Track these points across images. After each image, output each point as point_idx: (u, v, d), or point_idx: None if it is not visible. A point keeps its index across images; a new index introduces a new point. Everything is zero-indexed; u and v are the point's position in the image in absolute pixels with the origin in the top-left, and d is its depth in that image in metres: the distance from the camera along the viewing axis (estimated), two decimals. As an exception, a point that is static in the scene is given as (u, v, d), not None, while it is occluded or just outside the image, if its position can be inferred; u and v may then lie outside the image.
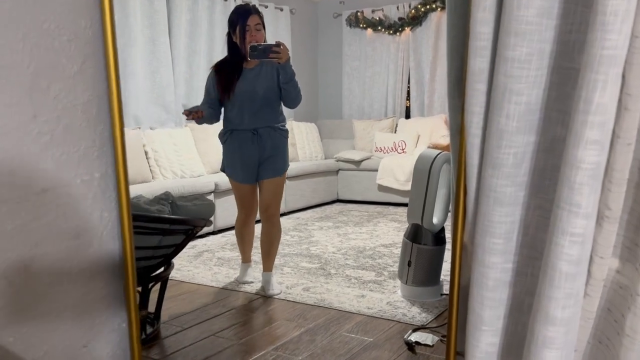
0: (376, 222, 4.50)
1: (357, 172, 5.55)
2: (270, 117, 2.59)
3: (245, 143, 2.58)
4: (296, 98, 2.57)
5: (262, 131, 2.58)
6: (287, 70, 2.46)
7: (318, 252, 3.51)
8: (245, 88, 2.55)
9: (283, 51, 2.35)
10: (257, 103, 2.55)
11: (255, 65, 2.57)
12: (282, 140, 2.64)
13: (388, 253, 3.45)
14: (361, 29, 6.34)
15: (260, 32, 2.51)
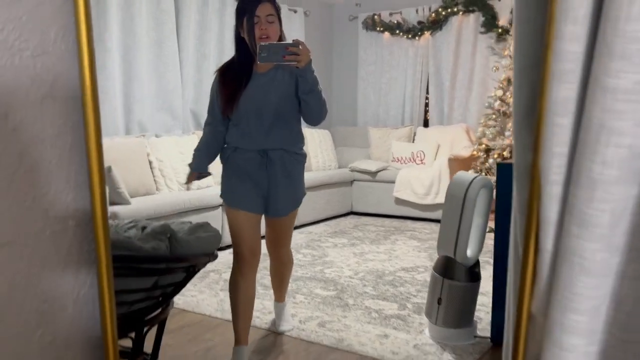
0: (394, 240, 4.21)
1: (373, 184, 5.26)
2: (284, 137, 2.01)
3: (251, 166, 2.01)
4: (319, 113, 1.98)
5: (274, 155, 2.00)
6: (307, 77, 1.88)
7: (333, 276, 3.23)
8: (254, 97, 1.97)
9: (302, 52, 1.80)
10: (268, 117, 1.97)
11: (268, 69, 2.00)
12: (297, 167, 2.07)
13: (410, 279, 3.17)
14: (378, 32, 6.06)
15: (274, 25, 1.95)
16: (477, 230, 2.29)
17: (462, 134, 5.23)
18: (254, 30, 1.93)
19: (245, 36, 1.97)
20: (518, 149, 1.15)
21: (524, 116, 1.12)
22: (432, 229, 4.61)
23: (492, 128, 4.75)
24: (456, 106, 5.64)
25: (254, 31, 1.93)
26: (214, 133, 2.09)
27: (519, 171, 1.15)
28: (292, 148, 2.05)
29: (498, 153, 4.66)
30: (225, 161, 2.08)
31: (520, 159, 1.15)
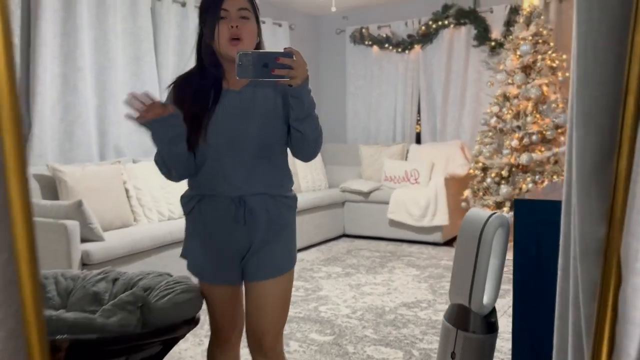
0: (391, 268, 3.95)
1: (366, 205, 5.01)
2: (269, 177, 1.48)
3: (225, 220, 1.47)
4: (315, 146, 1.47)
5: (254, 201, 1.46)
6: (303, 99, 1.36)
7: (329, 316, 2.96)
8: (226, 124, 1.44)
9: (297, 65, 1.30)
10: (247, 152, 1.45)
11: (244, 85, 1.47)
12: (286, 215, 1.53)
13: (413, 318, 2.91)
14: (366, 46, 5.85)
15: (249, 23, 1.43)
16: (493, 274, 2.04)
17: (457, 152, 5.01)
18: (219, 30, 1.41)
19: (214, 42, 1.43)
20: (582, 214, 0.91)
21: (592, 173, 0.88)
22: (429, 254, 4.37)
23: (488, 146, 4.55)
24: (449, 122, 5.43)
25: (221, 32, 1.41)
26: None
27: (584, 247, 0.90)
28: (279, 190, 1.51)
29: (496, 172, 4.45)
30: (189, 214, 1.53)
31: (586, 228, 0.90)
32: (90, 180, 3.32)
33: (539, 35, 4.39)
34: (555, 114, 4.31)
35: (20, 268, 0.76)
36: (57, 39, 3.56)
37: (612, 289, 0.79)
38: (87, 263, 2.92)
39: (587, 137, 0.87)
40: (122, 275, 2.03)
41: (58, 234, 2.88)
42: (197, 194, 1.51)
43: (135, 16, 4.03)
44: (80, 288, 1.99)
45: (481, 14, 5.17)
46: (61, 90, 3.63)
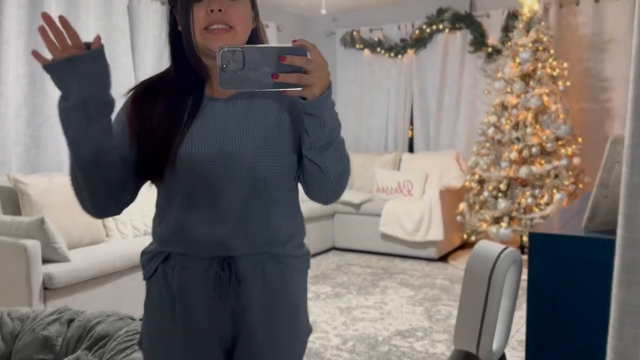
0: (383, 288, 3.71)
1: (357, 217, 4.76)
2: (268, 226, 1.04)
3: (200, 292, 1.03)
4: (338, 183, 1.03)
5: (246, 264, 1.03)
6: (323, 117, 0.93)
7: (317, 347, 2.70)
8: (206, 148, 1.01)
9: (314, 66, 0.87)
10: (235, 188, 1.01)
11: (236, 93, 1.05)
12: (295, 285, 1.09)
13: (408, 350, 2.66)
14: (357, 49, 5.62)
15: (237, 5, 1.00)
16: (504, 316, 1.81)
17: (452, 162, 4.79)
18: (193, 18, 0.98)
19: (190, 38, 1.00)
20: None
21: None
22: (423, 271, 4.13)
23: (485, 157, 4.33)
24: (443, 130, 5.22)
25: (197, 17, 0.98)
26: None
27: None
28: (285, 247, 1.05)
29: (493, 185, 4.24)
30: (150, 279, 1.07)
31: None
32: (56, 192, 3.02)
33: (539, 42, 4.19)
34: (556, 125, 4.10)
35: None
36: (22, 37, 3.26)
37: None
38: (49, 287, 2.63)
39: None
40: (78, 316, 1.76)
41: (16, 255, 2.59)
42: (161, 251, 1.05)
43: (110, 14, 3.74)
44: (28, 331, 1.71)
45: (477, 18, 4.95)
46: (27, 91, 3.34)
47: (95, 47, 0.93)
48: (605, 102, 4.50)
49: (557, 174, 4.07)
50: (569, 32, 4.63)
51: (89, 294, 2.79)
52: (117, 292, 2.92)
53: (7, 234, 2.72)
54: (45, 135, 3.42)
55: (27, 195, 2.90)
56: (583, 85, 4.56)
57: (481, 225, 4.21)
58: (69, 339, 1.68)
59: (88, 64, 0.91)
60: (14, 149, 3.29)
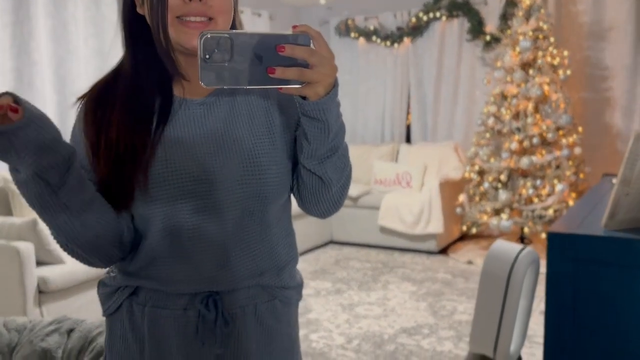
0: (385, 283, 3.65)
1: (354, 210, 4.69)
2: (261, 252, 0.86)
3: (178, 337, 0.84)
4: (340, 195, 0.87)
5: (235, 301, 0.86)
6: (327, 121, 0.76)
7: (322, 346, 2.64)
8: (181, 161, 0.81)
9: (319, 58, 0.70)
10: (219, 208, 0.82)
11: (213, 91, 0.86)
12: (290, 323, 0.93)
13: (415, 348, 2.61)
14: (352, 38, 5.51)
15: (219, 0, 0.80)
16: (521, 317, 1.75)
17: (450, 153, 4.73)
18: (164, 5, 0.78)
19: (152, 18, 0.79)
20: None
21: None
22: (424, 264, 4.08)
23: (485, 148, 4.27)
24: (441, 120, 5.15)
25: (170, 4, 0.78)
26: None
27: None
28: (280, 277, 0.90)
29: (494, 176, 4.18)
30: (111, 316, 0.89)
31: None
32: (48, 192, 2.92)
33: (539, 30, 4.11)
34: (557, 115, 4.05)
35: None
36: (7, 29, 3.13)
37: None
38: (44, 291, 2.54)
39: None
40: (78, 325, 1.67)
41: (9, 258, 2.49)
42: (126, 285, 0.86)
43: (99, 4, 3.60)
44: (26, 343, 1.63)
45: (475, 6, 4.87)
46: (14, 86, 3.21)
47: (16, 118, 0.66)
48: (606, 91, 4.45)
49: (558, 164, 4.02)
50: (568, 20, 4.56)
51: (85, 296, 2.70)
52: (114, 294, 2.83)
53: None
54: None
55: (18, 195, 2.79)
56: (583, 74, 4.51)
57: (481, 217, 4.16)
58: (70, 350, 1.59)
59: (20, 135, 0.67)
60: (2, 146, 3.17)
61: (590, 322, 1.66)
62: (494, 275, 1.71)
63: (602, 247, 1.64)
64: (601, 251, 1.64)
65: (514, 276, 1.67)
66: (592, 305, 1.66)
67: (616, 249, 1.67)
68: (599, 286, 1.62)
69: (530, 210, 4.01)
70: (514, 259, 1.69)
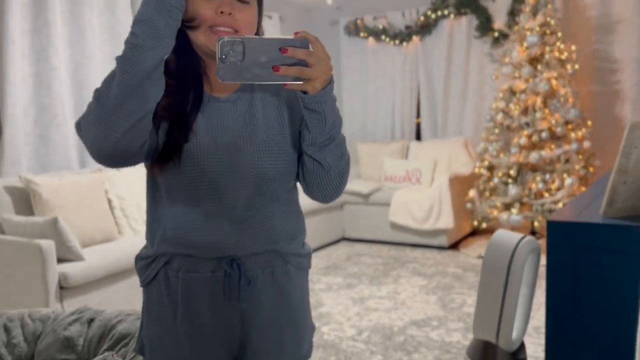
0: (396, 277, 3.71)
1: (366, 207, 4.75)
2: (275, 224, 1.02)
3: (206, 294, 1.00)
4: (339, 181, 1.02)
5: (254, 264, 1.01)
6: (324, 112, 0.93)
7: (333, 338, 2.71)
8: (207, 149, 0.97)
9: (316, 59, 0.87)
10: (240, 188, 0.98)
11: (236, 90, 1.02)
12: (298, 282, 1.08)
13: (424, 339, 2.67)
14: (361, 38, 5.57)
15: (246, 9, 0.97)
16: (523, 305, 1.80)
17: (460, 149, 4.77)
18: (199, 10, 0.94)
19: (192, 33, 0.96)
20: None
21: None
22: (435, 259, 4.13)
23: (495, 143, 4.30)
24: (450, 117, 5.18)
25: (204, 15, 0.93)
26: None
27: None
28: (291, 245, 1.05)
29: (503, 172, 4.21)
30: (149, 285, 1.03)
31: None
32: (67, 191, 3.03)
33: (546, 26, 4.14)
34: (566, 109, 4.07)
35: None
36: (27, 36, 3.25)
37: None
38: (65, 286, 2.64)
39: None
40: (98, 315, 1.77)
41: (32, 255, 2.60)
42: (162, 253, 1.00)
43: (114, 9, 3.72)
44: (50, 332, 1.73)
45: (483, 3, 4.90)
46: (34, 90, 3.33)
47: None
48: (615, 84, 4.45)
49: (568, 159, 4.04)
50: (576, 14, 4.57)
51: (104, 292, 2.80)
52: (133, 290, 2.93)
53: (21, 234, 2.73)
54: (53, 134, 3.42)
55: (39, 195, 2.91)
56: (592, 67, 4.51)
57: (492, 212, 4.19)
58: (90, 338, 1.69)
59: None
60: (23, 148, 3.29)
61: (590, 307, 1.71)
62: (495, 263, 1.76)
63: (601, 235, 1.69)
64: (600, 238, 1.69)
65: (514, 264, 1.72)
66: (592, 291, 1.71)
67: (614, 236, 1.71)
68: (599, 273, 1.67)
69: (540, 205, 4.03)
70: (514, 247, 1.74)
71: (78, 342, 1.68)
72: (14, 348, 1.70)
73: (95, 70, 3.61)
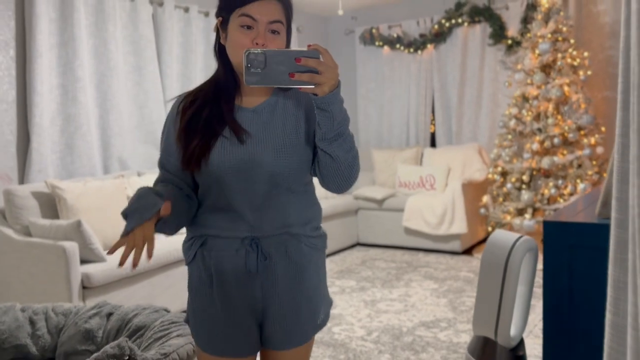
0: (408, 281, 3.77)
1: (380, 212, 4.82)
2: (289, 211, 1.20)
3: (233, 267, 1.19)
4: (349, 172, 1.18)
5: (270, 243, 1.19)
6: (332, 112, 1.09)
7: (343, 337, 2.78)
8: (234, 150, 1.17)
9: (325, 67, 1.05)
10: (258, 180, 1.17)
11: (260, 102, 1.21)
12: (313, 259, 1.25)
13: (432, 340, 2.72)
14: (377, 47, 5.67)
15: (278, 39, 1.16)
16: (521, 303, 1.86)
17: (474, 155, 4.81)
18: (239, 39, 1.14)
19: (228, 46, 1.18)
20: None
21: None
22: (447, 264, 4.17)
23: (508, 149, 4.34)
24: (465, 124, 5.23)
25: (242, 43, 1.13)
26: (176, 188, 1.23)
27: None
28: (304, 229, 1.22)
29: (516, 177, 4.24)
30: (191, 263, 1.25)
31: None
32: (91, 196, 3.18)
33: (558, 33, 4.17)
34: (578, 115, 4.09)
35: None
36: (54, 50, 3.43)
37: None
38: (87, 286, 2.78)
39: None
40: (117, 310, 1.88)
41: (56, 256, 2.75)
42: (199, 235, 1.22)
43: (136, 23, 3.89)
44: (71, 325, 1.85)
45: (496, 11, 4.95)
46: (60, 101, 3.51)
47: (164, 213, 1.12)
48: (629, 90, 4.44)
49: (580, 164, 4.05)
50: (589, 21, 4.59)
51: (125, 291, 2.93)
52: (152, 289, 3.06)
53: (47, 236, 2.88)
54: (78, 142, 3.58)
55: (64, 200, 3.06)
56: (606, 73, 4.52)
57: (505, 217, 4.22)
58: (109, 331, 1.80)
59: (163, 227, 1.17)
60: (50, 156, 3.46)
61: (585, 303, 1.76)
62: (493, 262, 1.82)
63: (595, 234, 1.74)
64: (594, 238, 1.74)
65: (511, 262, 1.78)
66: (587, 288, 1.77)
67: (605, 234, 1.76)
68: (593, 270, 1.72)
69: (553, 210, 4.04)
70: (511, 246, 1.80)
71: (97, 334, 1.79)
72: (38, 339, 1.82)
73: (118, 82, 3.78)
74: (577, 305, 1.81)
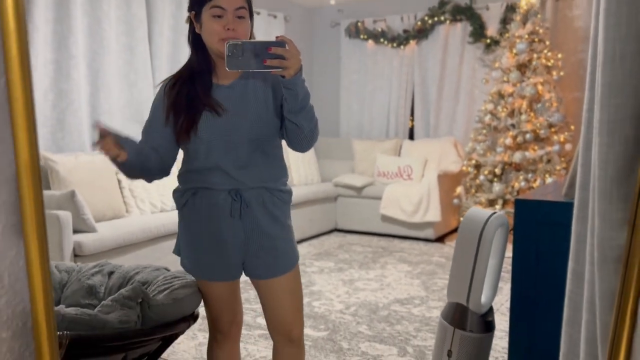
0: (383, 263, 3.96)
1: (358, 200, 5.00)
2: (264, 169, 1.48)
3: (220, 214, 1.46)
4: (311, 137, 1.45)
5: (251, 195, 1.46)
6: (297, 91, 1.34)
7: (323, 311, 2.95)
8: (217, 120, 1.43)
9: (291, 55, 1.28)
10: (239, 145, 1.44)
11: (234, 80, 1.47)
12: (283, 209, 1.53)
13: (406, 314, 2.91)
14: (361, 40, 5.83)
15: (244, 23, 1.41)
16: (491, 273, 2.05)
17: (450, 148, 5.02)
18: (214, 27, 1.38)
19: (203, 35, 1.42)
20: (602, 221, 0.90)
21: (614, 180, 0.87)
22: (421, 250, 4.38)
23: (482, 143, 4.56)
24: (442, 118, 5.44)
25: (215, 30, 1.38)
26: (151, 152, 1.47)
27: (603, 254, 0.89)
28: (276, 184, 1.51)
29: (489, 170, 4.47)
30: (182, 209, 1.53)
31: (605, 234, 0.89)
32: (82, 170, 3.26)
33: (535, 34, 4.40)
34: (549, 112, 4.33)
35: (31, 265, 0.74)
36: (49, 25, 3.48)
37: (631, 297, 0.79)
38: (79, 254, 2.87)
39: (611, 145, 0.87)
40: (117, 269, 2.00)
41: (50, 225, 2.83)
42: (190, 187, 1.50)
43: (130, 4, 3.96)
44: (75, 281, 1.96)
45: (477, 11, 5.16)
46: (54, 77, 3.57)
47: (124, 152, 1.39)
48: (597, 92, 4.71)
49: (550, 159, 4.30)
50: (564, 25, 4.84)
51: (114, 261, 3.03)
52: (139, 262, 3.16)
53: (39, 205, 2.96)
54: (69, 118, 3.65)
55: (56, 172, 3.14)
56: (577, 75, 4.78)
57: (477, 207, 4.45)
58: (111, 287, 1.92)
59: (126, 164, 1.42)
60: (40, 130, 3.52)
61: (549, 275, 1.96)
62: (468, 235, 2.01)
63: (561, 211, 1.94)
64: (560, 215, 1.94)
65: (484, 236, 1.96)
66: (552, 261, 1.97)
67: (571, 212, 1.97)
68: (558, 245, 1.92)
69: (523, 202, 4.28)
70: (485, 220, 1.99)
71: (100, 289, 1.91)
72: (43, 294, 1.93)
73: (110, 60, 3.85)
74: (542, 273, 2.00)
